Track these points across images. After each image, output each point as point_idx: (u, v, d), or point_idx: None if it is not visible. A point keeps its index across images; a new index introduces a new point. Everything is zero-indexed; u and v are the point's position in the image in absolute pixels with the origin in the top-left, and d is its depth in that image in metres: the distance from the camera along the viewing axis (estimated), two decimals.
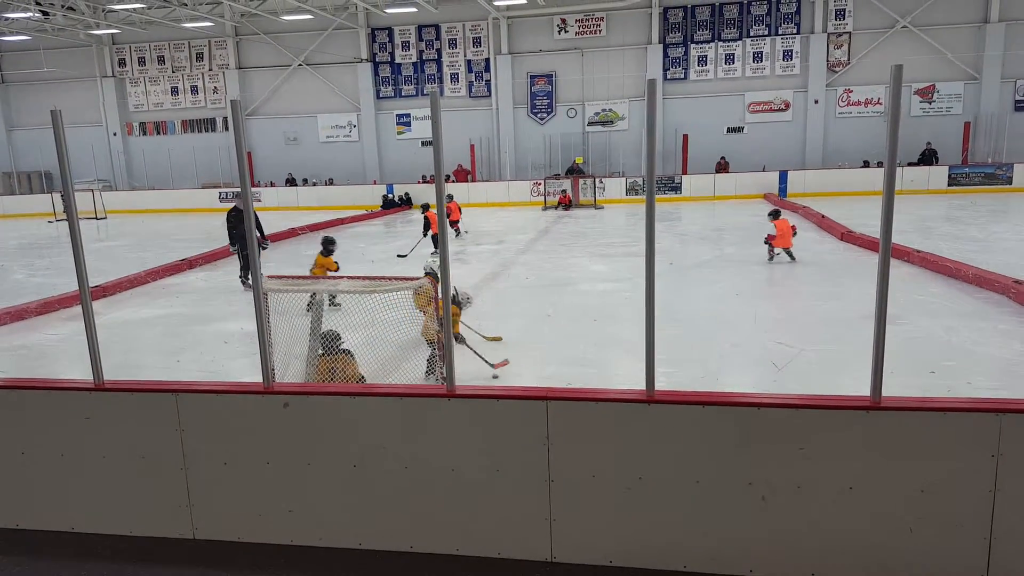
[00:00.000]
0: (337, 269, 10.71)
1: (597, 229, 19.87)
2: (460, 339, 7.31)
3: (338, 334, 5.91)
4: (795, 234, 13.29)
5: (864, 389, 3.50)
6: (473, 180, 28.91)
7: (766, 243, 13.42)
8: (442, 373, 7.26)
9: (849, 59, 26.94)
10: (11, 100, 33.14)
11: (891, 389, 3.47)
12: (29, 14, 26.22)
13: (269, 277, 5.55)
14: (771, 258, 13.37)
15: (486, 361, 7.37)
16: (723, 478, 3.61)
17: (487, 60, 29.45)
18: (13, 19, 27.50)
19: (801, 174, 25.98)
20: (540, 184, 26.73)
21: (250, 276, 12.40)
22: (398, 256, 15.42)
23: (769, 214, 13.74)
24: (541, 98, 29.32)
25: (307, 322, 5.98)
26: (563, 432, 3.72)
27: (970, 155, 26.12)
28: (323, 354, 5.90)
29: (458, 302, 7.33)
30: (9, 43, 31.64)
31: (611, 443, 3.71)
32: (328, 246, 11.06)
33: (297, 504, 4.06)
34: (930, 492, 3.42)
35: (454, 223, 18.29)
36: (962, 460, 3.39)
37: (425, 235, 16.11)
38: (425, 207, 17.24)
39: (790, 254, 13.23)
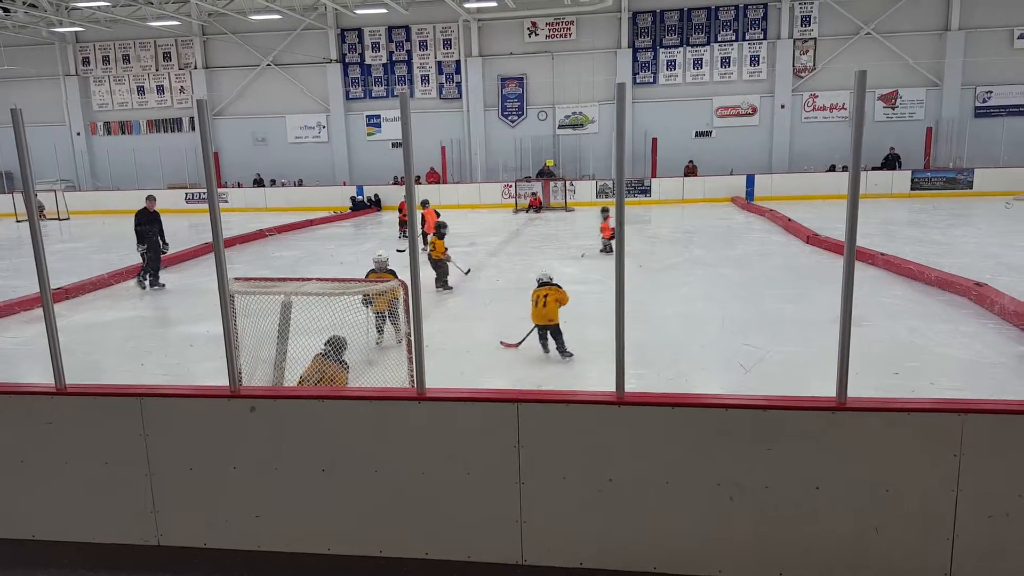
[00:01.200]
0: (445, 251, 12.16)
1: (568, 231, 19.93)
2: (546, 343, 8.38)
3: (345, 342, 5.82)
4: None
5: (830, 390, 3.55)
6: (444, 182, 28.84)
7: (609, 239, 15.35)
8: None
9: (815, 65, 27.35)
10: None
11: (856, 390, 3.53)
12: None
13: (236, 279, 5.48)
14: (608, 249, 15.35)
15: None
16: (692, 479, 3.64)
17: (457, 62, 29.39)
18: None
19: (768, 178, 26.31)
20: (511, 186, 26.76)
21: (148, 278, 12.16)
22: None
23: (603, 211, 15.90)
24: (512, 101, 29.34)
25: (274, 325, 5.90)
26: (534, 434, 3.72)
27: (932, 160, 26.67)
28: (322, 354, 5.80)
29: (555, 284, 8.39)
30: None
31: (582, 445, 3.71)
32: (441, 230, 12.61)
33: (264, 509, 4.00)
34: (895, 492, 3.48)
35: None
36: (925, 460, 3.45)
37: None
38: (424, 203, 17.43)
39: (611, 247, 15.14)
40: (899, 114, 27.08)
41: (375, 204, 27.43)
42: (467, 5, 26.55)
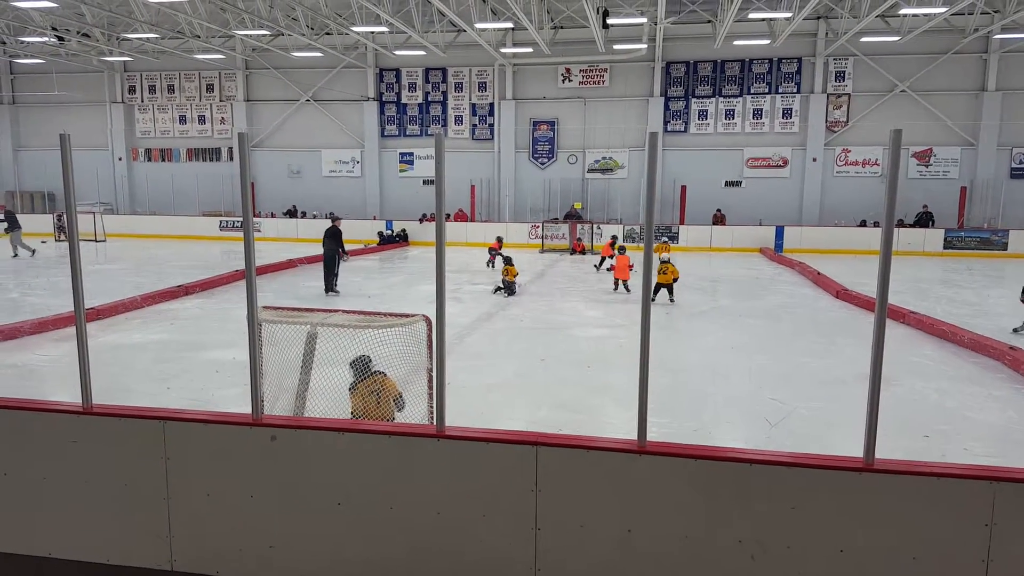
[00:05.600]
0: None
1: (593, 274, 19.91)
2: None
3: (369, 357, 5.76)
4: (632, 269, 15.97)
5: (857, 449, 3.47)
6: (472, 220, 29.08)
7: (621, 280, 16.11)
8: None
9: (848, 120, 27.34)
10: (20, 121, 33.34)
11: (884, 451, 3.45)
12: (45, 39, 26.55)
13: (264, 308, 5.53)
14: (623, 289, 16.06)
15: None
16: (713, 534, 3.56)
17: (491, 104, 29.84)
18: (28, 43, 27.85)
19: (797, 230, 26.16)
20: (539, 227, 26.91)
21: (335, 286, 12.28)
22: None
23: (619, 248, 16.83)
24: (543, 143, 29.64)
25: (299, 355, 5.92)
26: (552, 479, 3.68)
27: (966, 219, 26.37)
28: (357, 381, 5.74)
29: None
30: (22, 66, 32.00)
31: (600, 493, 3.66)
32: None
33: (278, 540, 3.98)
34: (922, 559, 3.37)
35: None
36: (955, 528, 3.35)
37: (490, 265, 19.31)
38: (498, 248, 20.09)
39: (627, 287, 16.00)
40: (933, 172, 26.89)
41: (403, 238, 27.71)
42: (503, 50, 27.04)
